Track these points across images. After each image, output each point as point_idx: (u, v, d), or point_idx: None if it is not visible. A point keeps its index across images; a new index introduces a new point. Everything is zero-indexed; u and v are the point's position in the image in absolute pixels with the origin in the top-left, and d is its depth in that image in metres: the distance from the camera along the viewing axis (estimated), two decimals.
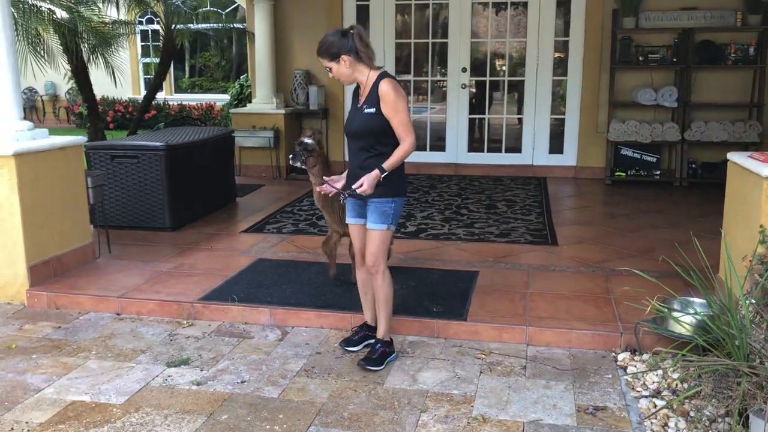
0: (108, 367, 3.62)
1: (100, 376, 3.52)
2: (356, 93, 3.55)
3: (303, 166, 4.00)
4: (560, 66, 8.56)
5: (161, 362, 3.67)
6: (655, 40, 8.03)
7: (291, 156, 3.98)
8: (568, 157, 8.58)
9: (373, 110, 3.38)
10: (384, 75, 3.41)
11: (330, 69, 3.41)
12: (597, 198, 7.45)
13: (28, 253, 4.54)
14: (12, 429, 3.02)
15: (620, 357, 3.65)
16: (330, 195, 3.72)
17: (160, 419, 3.09)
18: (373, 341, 3.68)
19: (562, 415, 3.10)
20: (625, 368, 3.55)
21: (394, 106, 3.34)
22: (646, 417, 3.05)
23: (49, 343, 3.94)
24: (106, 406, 3.22)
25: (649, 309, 3.26)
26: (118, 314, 4.37)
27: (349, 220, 3.65)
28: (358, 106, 3.48)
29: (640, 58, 8.01)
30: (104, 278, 4.77)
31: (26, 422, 3.07)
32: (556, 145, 8.64)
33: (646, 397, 3.24)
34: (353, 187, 3.36)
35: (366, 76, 3.43)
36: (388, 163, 3.38)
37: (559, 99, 8.65)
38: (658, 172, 8.11)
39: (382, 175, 3.35)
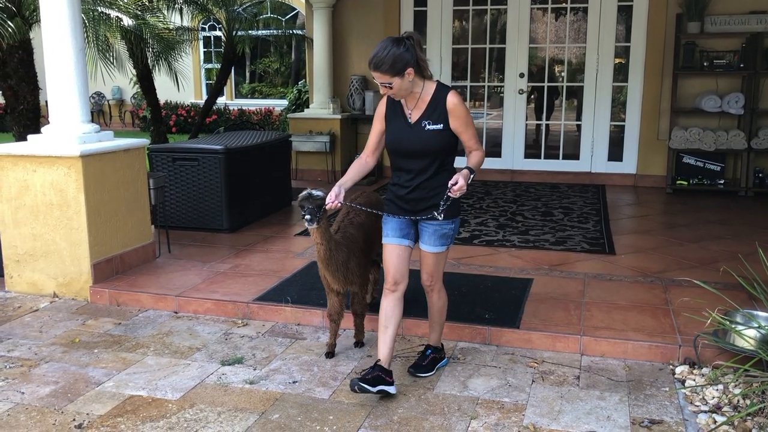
0: (165, 364, 3.71)
1: (157, 372, 3.62)
2: (396, 105, 3.22)
3: (318, 225, 3.26)
4: (621, 72, 8.39)
5: (216, 360, 3.75)
6: (721, 45, 7.80)
7: (307, 218, 3.19)
8: (628, 165, 8.40)
9: (440, 126, 3.13)
10: (444, 87, 3.17)
11: (389, 85, 3.03)
12: (657, 207, 7.26)
13: (93, 251, 4.70)
14: (74, 420, 3.13)
15: (678, 370, 3.55)
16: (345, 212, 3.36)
17: (214, 416, 3.16)
18: (423, 353, 3.55)
19: (616, 427, 3.03)
20: (683, 381, 3.44)
21: (465, 121, 3.15)
22: None
23: (110, 339, 4.07)
24: (162, 401, 3.30)
25: (709, 321, 3.17)
26: (175, 312, 4.48)
27: (391, 240, 3.29)
28: (412, 122, 3.17)
29: (705, 64, 7.78)
30: (163, 277, 4.90)
31: (87, 414, 3.18)
32: (616, 152, 8.47)
33: (706, 412, 3.13)
34: (450, 183, 3.05)
35: (421, 88, 3.15)
36: (474, 165, 3.16)
37: (619, 105, 8.48)
38: (722, 181, 7.86)
39: (471, 176, 3.10)
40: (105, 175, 4.77)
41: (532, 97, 8.85)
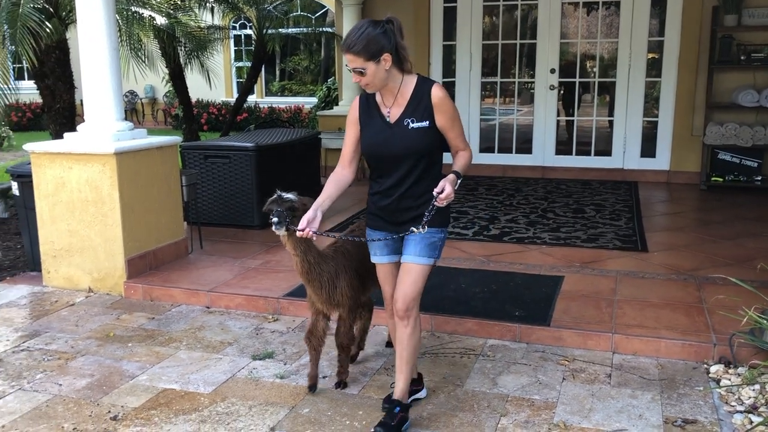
0: (197, 358, 3.76)
1: (190, 366, 3.67)
2: (370, 106, 2.88)
3: (287, 231, 2.88)
4: (654, 67, 8.26)
5: (247, 355, 3.79)
6: (760, 39, 7.62)
7: (275, 221, 2.83)
8: (661, 161, 8.27)
9: (426, 123, 2.78)
10: (426, 80, 2.84)
11: (362, 71, 2.70)
12: (691, 204, 7.14)
13: (127, 247, 4.78)
14: (109, 412, 3.19)
15: (713, 369, 3.49)
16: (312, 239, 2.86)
17: (245, 410, 3.19)
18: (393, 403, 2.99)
19: (648, 426, 2.99)
20: (718, 381, 3.39)
21: (452, 116, 2.80)
22: None
23: (144, 333, 4.13)
24: (195, 394, 3.35)
25: (745, 320, 3.10)
26: (207, 307, 4.54)
27: (381, 259, 3.00)
28: (392, 121, 2.81)
29: (742, 58, 7.62)
30: (195, 273, 4.96)
31: (122, 406, 3.24)
32: (648, 148, 8.35)
33: (741, 412, 3.08)
34: (436, 192, 2.68)
35: (399, 82, 2.79)
36: (461, 168, 2.82)
37: (651, 101, 8.35)
38: (759, 178, 7.69)
39: (458, 181, 2.76)
40: (138, 172, 4.84)
41: (561, 92, 8.76)
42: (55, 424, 3.09)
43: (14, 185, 5.13)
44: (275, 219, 2.82)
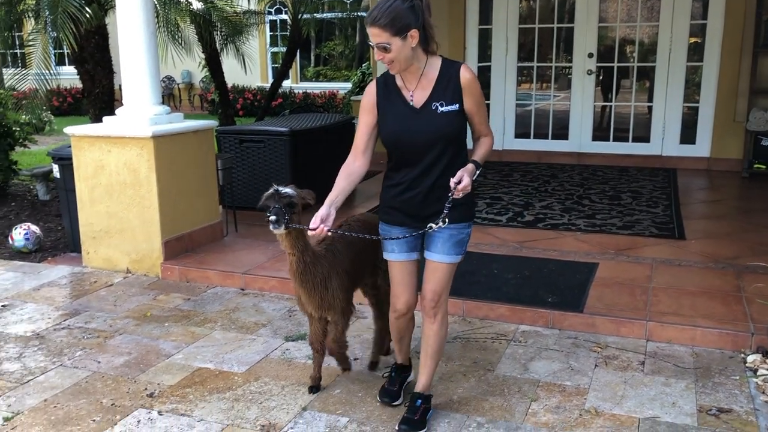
0: (231, 338, 3.83)
1: (224, 346, 3.73)
2: (389, 90, 2.71)
3: (287, 229, 2.71)
4: (695, 51, 8.07)
5: (280, 336, 3.84)
6: None
7: (273, 219, 2.66)
8: (701, 148, 8.10)
9: (456, 107, 2.63)
10: (452, 61, 2.69)
11: (386, 47, 2.51)
12: (731, 191, 6.99)
13: (164, 229, 4.86)
14: (146, 389, 3.27)
15: (750, 358, 3.43)
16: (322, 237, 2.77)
17: (278, 389, 3.24)
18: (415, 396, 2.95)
19: (682, 414, 2.96)
20: (755, 371, 3.33)
21: (480, 99, 2.66)
22: None
23: (180, 313, 4.21)
24: (229, 374, 3.41)
25: None
26: (242, 289, 4.60)
27: (398, 256, 2.82)
28: (418, 105, 2.65)
29: None
30: (230, 255, 5.03)
31: (158, 384, 3.31)
32: (688, 134, 8.18)
33: None
34: (453, 182, 2.52)
35: (424, 63, 2.64)
36: (481, 157, 2.69)
37: (693, 86, 8.17)
38: None
39: (477, 172, 2.63)
40: (175, 155, 4.91)
41: (599, 78, 8.62)
42: (94, 399, 3.17)
43: (55, 168, 5.25)
44: (273, 217, 2.63)
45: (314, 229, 2.61)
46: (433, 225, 2.61)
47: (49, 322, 4.09)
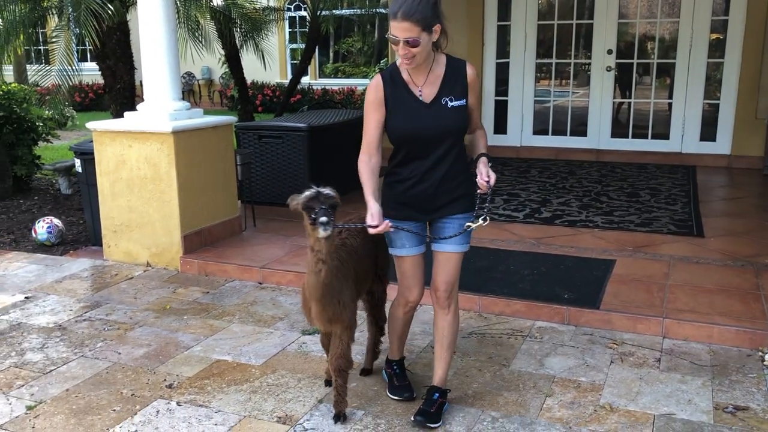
0: (249, 331, 3.87)
1: (242, 338, 3.78)
2: (396, 86, 2.70)
3: (332, 231, 2.56)
4: (717, 48, 7.99)
5: (297, 330, 3.88)
6: None
7: (323, 221, 2.49)
8: (721, 145, 8.02)
9: (463, 102, 2.69)
10: (456, 58, 2.75)
11: (415, 42, 2.50)
12: (752, 189, 6.92)
13: (183, 224, 4.92)
14: (165, 380, 3.32)
15: None
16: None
17: (294, 382, 3.28)
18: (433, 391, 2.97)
19: (698, 411, 2.95)
20: None
21: (480, 95, 2.79)
22: None
23: (198, 306, 4.27)
24: (246, 366, 3.45)
25: None
26: (260, 283, 4.65)
27: (410, 251, 2.83)
28: (428, 100, 2.68)
29: None
30: (249, 249, 5.08)
31: (177, 375, 3.37)
32: (709, 132, 8.11)
33: None
34: (483, 180, 2.61)
35: (432, 59, 2.69)
36: (486, 149, 2.79)
37: (714, 83, 8.09)
38: None
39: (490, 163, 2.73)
40: (195, 150, 4.96)
41: (618, 74, 8.57)
42: (114, 389, 3.23)
43: (77, 162, 5.34)
44: (323, 219, 2.48)
45: (375, 226, 2.60)
46: (471, 224, 2.69)
47: (70, 314, 4.16)
